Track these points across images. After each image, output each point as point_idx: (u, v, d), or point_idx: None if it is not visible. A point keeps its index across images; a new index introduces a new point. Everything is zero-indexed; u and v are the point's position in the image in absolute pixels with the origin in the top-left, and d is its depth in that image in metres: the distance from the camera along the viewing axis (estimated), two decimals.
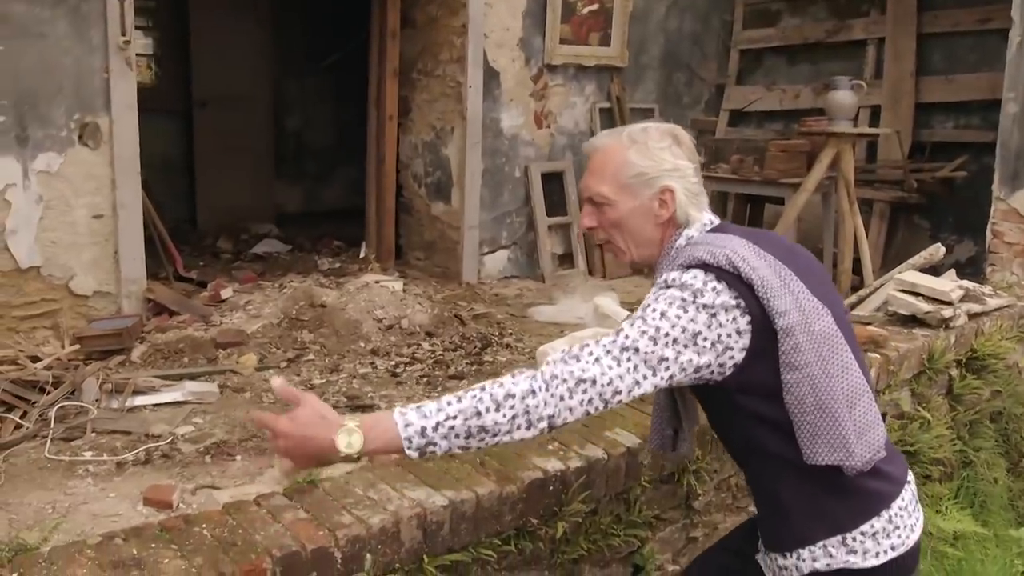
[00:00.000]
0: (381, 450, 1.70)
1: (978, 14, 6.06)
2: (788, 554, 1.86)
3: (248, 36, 8.07)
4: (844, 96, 5.65)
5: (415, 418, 1.67)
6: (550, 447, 2.65)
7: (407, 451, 1.67)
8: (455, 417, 1.67)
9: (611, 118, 6.76)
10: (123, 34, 4.48)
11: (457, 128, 5.98)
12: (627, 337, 1.73)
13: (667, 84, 7.30)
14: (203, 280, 5.53)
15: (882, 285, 4.95)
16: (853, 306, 5.02)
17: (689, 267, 1.79)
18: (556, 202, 6.51)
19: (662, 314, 1.74)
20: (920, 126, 6.50)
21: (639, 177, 1.90)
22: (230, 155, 7.98)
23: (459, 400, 1.70)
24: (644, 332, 1.73)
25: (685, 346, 1.73)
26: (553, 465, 2.54)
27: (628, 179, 1.90)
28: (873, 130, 6.23)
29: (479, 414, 1.67)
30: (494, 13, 5.92)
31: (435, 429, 1.66)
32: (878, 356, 3.74)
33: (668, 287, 1.78)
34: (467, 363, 4.39)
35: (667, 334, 1.72)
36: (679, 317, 1.73)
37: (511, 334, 4.93)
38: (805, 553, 1.83)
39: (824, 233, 6.33)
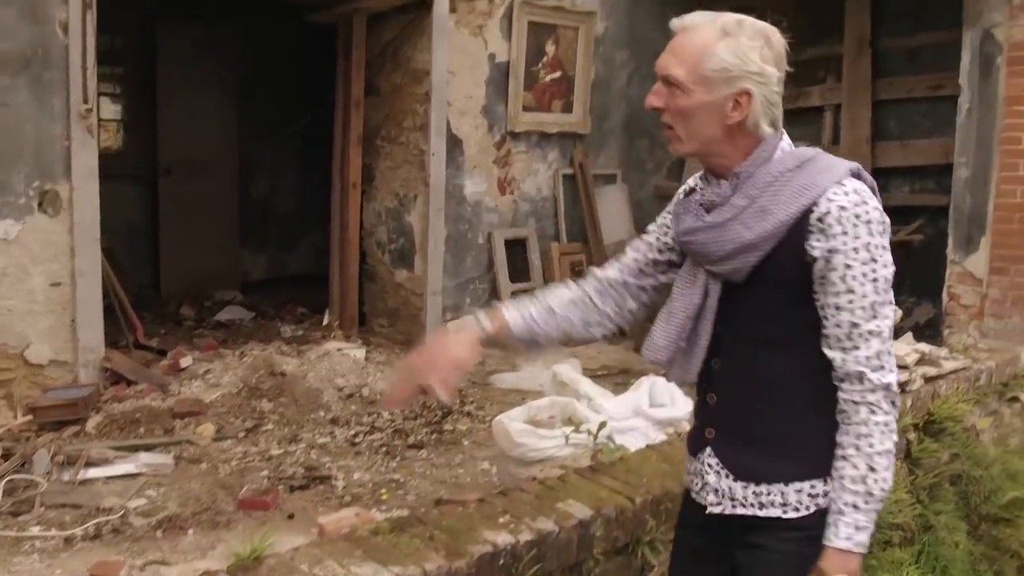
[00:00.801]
0: None
1: (930, 81, 6.20)
2: (781, 486, 1.84)
3: (215, 102, 8.12)
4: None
5: None
6: (501, 520, 2.62)
7: None
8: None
9: (574, 184, 6.84)
10: (85, 102, 4.50)
11: (420, 195, 6.02)
12: (867, 321, 1.71)
13: (630, 150, 7.40)
14: (163, 348, 5.48)
15: None
16: None
17: (841, 183, 1.73)
18: (519, 268, 6.54)
19: (866, 277, 1.70)
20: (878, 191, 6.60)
21: (721, 72, 1.75)
22: (195, 221, 7.96)
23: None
24: (865, 307, 1.71)
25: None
26: (503, 539, 2.52)
27: (709, 71, 1.75)
28: None
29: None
30: (457, 81, 6.01)
31: None
32: None
33: (842, 233, 1.70)
34: (427, 432, 4.38)
35: (885, 281, 1.73)
36: (869, 261, 1.71)
37: (472, 402, 4.92)
38: (804, 486, 1.83)
39: None
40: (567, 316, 2.03)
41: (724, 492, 1.90)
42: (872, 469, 1.74)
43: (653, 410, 3.97)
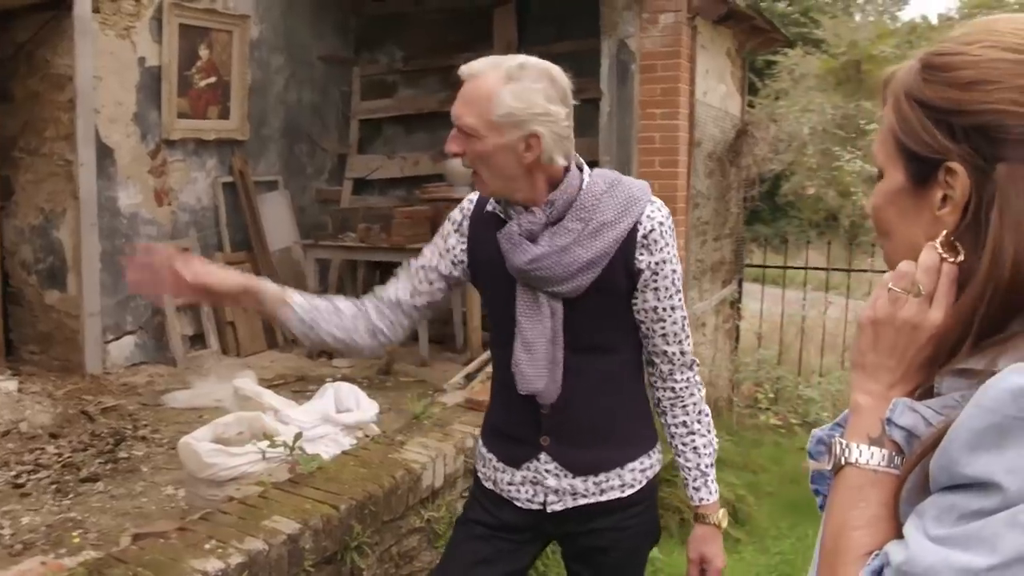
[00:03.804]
0: None
1: (577, 85, 6.67)
2: (619, 470, 2.04)
3: None
4: (461, 163, 5.99)
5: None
6: (207, 546, 2.53)
7: None
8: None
9: (235, 192, 6.66)
10: None
11: (70, 209, 5.58)
12: (685, 311, 2.01)
13: (290, 155, 7.33)
14: None
15: None
16: (486, 362, 5.30)
17: (651, 201, 1.95)
18: None
19: (680, 275, 1.99)
20: None
21: (508, 117, 1.80)
22: None
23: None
24: (682, 302, 2.00)
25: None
26: (213, 565, 2.43)
27: (497, 117, 1.81)
28: None
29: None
30: (105, 87, 5.63)
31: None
32: None
33: (664, 246, 1.93)
34: (101, 463, 4.09)
35: (680, 278, 2.00)
36: (678, 262, 1.99)
37: (146, 425, 4.66)
38: (635, 464, 2.06)
39: (453, 294, 6.62)
40: (354, 322, 2.07)
41: (565, 490, 2.03)
42: (710, 432, 2.09)
43: (341, 415, 3.99)
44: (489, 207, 2.02)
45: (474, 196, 2.10)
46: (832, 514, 0.90)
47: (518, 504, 2.08)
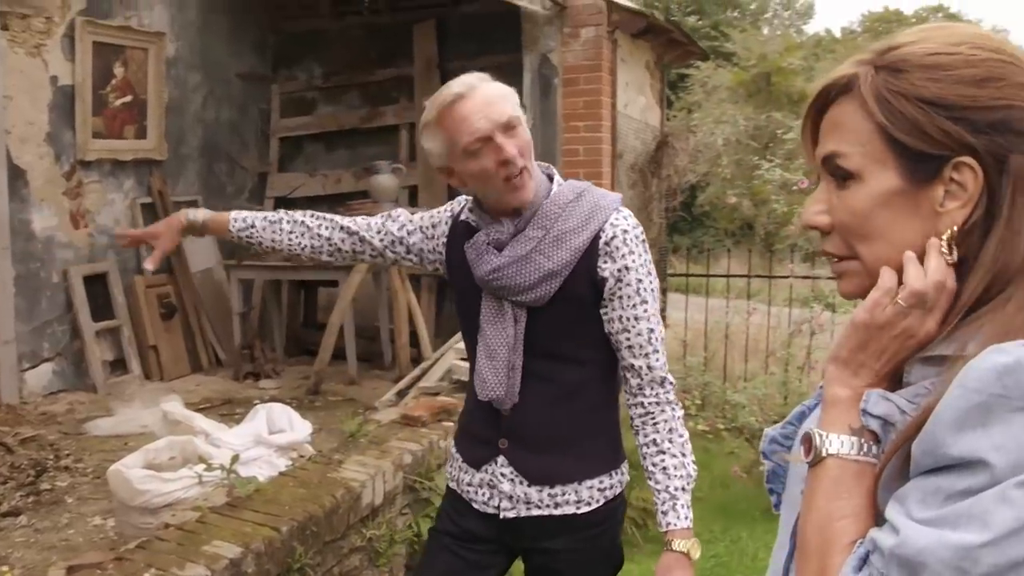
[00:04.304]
0: None
1: None
2: (575, 485, 2.00)
3: None
4: (386, 179, 5.98)
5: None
6: (146, 575, 2.47)
7: None
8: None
9: (154, 213, 6.51)
10: None
11: None
12: (657, 326, 1.97)
13: (209, 175, 7.20)
14: None
15: (442, 355, 5.27)
16: (417, 378, 5.27)
17: (618, 210, 1.96)
18: (102, 305, 6.09)
19: (652, 288, 1.96)
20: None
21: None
22: None
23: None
24: (655, 315, 1.96)
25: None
26: None
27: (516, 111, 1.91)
28: (414, 209, 6.62)
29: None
30: (15, 106, 5.45)
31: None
32: (451, 424, 3.96)
33: (628, 254, 1.91)
34: (22, 495, 3.93)
35: (656, 291, 1.98)
36: (651, 274, 1.96)
37: (68, 455, 4.50)
38: (594, 482, 2.01)
39: (379, 311, 6.59)
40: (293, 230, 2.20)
41: (519, 498, 2.00)
42: (684, 455, 1.99)
43: (274, 436, 3.92)
44: (462, 216, 2.06)
45: (463, 199, 2.11)
46: (814, 507, 0.90)
47: (475, 506, 2.07)
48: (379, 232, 2.17)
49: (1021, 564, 0.70)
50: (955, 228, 0.88)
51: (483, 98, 1.87)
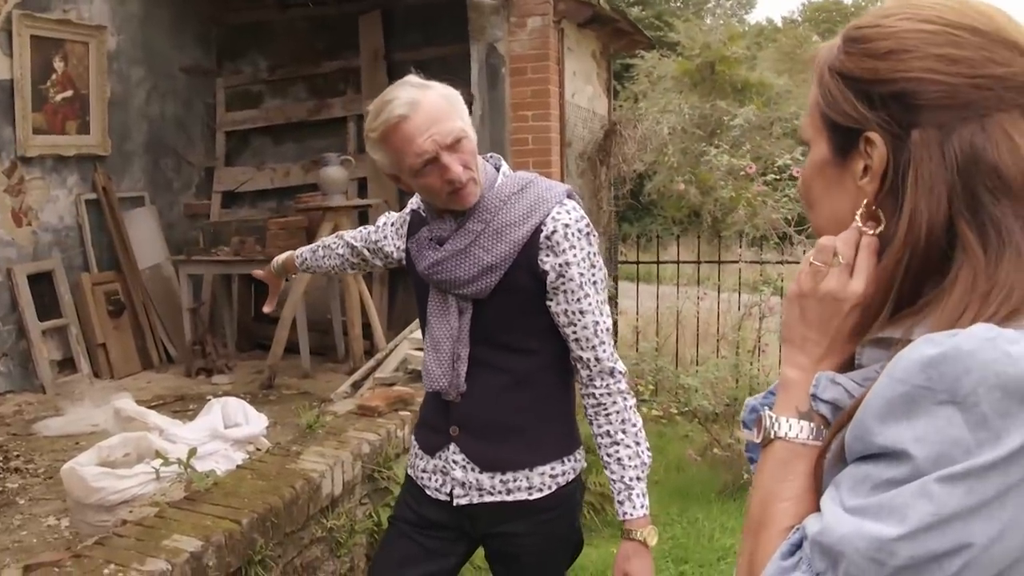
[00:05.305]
0: None
1: None
2: (527, 471, 2.01)
3: None
4: (335, 171, 5.96)
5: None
6: (106, 571, 2.44)
7: None
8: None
9: (99, 210, 6.41)
10: None
11: None
12: (603, 317, 1.97)
13: (155, 170, 7.10)
14: None
15: (396, 346, 5.26)
16: (372, 369, 5.26)
17: (562, 203, 1.94)
18: (48, 304, 5.99)
19: (595, 280, 1.96)
20: (403, 194, 7.02)
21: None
22: None
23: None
24: (600, 307, 1.96)
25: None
26: None
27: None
28: (364, 201, 6.62)
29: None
30: None
31: None
32: (408, 414, 3.96)
33: (569, 248, 1.91)
34: None
35: (602, 283, 1.99)
36: (594, 266, 1.96)
37: (18, 456, 4.44)
38: (546, 468, 2.02)
39: (332, 303, 6.56)
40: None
41: (471, 484, 2.01)
42: (638, 444, 2.00)
43: (230, 431, 3.90)
44: (417, 207, 2.11)
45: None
46: (760, 486, 0.91)
47: (428, 493, 2.09)
48: (364, 242, 2.28)
49: (941, 557, 0.71)
50: (866, 202, 0.89)
51: (427, 116, 1.82)
